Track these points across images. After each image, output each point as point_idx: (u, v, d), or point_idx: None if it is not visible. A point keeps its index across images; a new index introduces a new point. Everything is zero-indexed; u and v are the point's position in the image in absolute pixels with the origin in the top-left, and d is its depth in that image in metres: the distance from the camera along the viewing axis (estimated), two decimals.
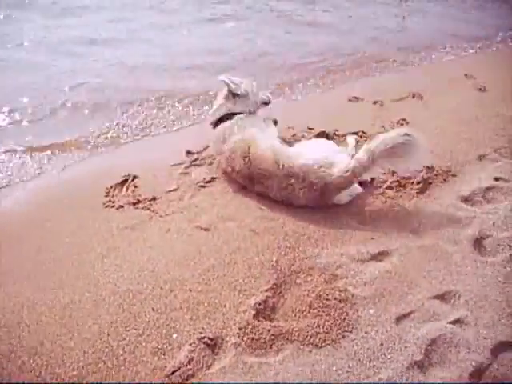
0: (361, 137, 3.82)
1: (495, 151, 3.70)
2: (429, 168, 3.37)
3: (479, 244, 2.68)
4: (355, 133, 3.88)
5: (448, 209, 2.97)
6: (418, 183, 3.21)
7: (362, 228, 2.84)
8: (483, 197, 3.09)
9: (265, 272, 2.47)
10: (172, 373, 1.97)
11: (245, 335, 2.11)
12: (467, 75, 5.59)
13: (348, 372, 1.96)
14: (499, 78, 5.47)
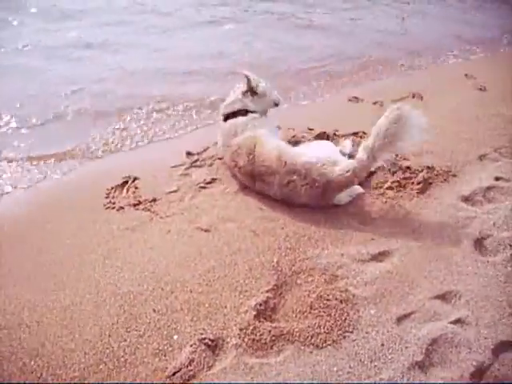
0: (361, 137, 3.82)
1: (495, 151, 3.71)
2: (429, 168, 3.38)
3: (480, 244, 2.68)
4: (355, 133, 3.89)
5: (448, 209, 2.97)
6: (419, 183, 3.21)
7: (363, 228, 2.84)
8: (484, 196, 3.10)
9: (265, 273, 2.47)
10: (173, 374, 1.97)
11: (245, 336, 2.11)
12: (467, 75, 5.59)
13: (349, 372, 1.96)
14: (499, 78, 5.48)
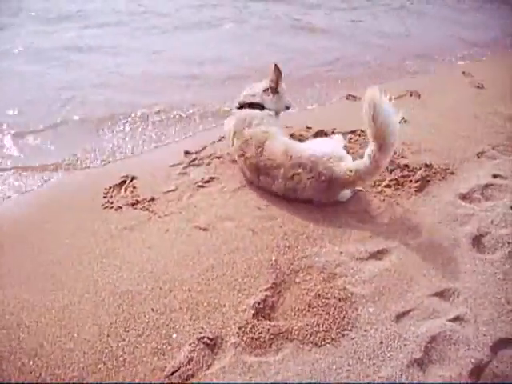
0: (359, 135, 3.82)
1: (493, 148, 3.72)
2: (427, 166, 3.39)
3: (478, 241, 2.69)
4: (353, 131, 3.89)
5: (446, 206, 2.98)
6: (417, 181, 3.21)
7: (361, 226, 2.84)
8: (482, 194, 3.10)
9: (264, 271, 2.47)
10: (172, 373, 1.97)
11: (244, 335, 2.11)
12: (465, 73, 5.60)
13: (348, 370, 1.96)
14: (497, 76, 5.49)
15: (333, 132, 3.90)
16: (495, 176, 3.27)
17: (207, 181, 3.33)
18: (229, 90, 4.76)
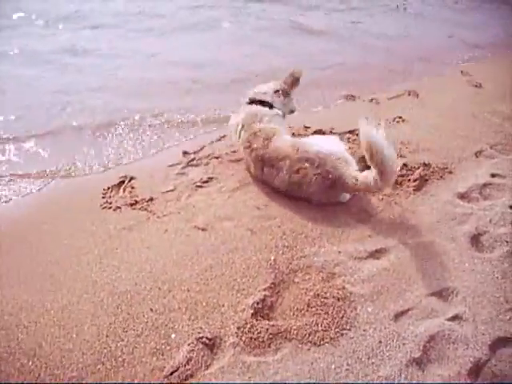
0: (357, 135, 3.82)
1: (491, 148, 3.72)
2: (425, 165, 3.39)
3: (476, 240, 2.69)
4: (351, 131, 3.89)
5: (445, 206, 2.98)
6: (415, 180, 3.21)
7: (360, 226, 2.84)
8: (480, 193, 3.11)
9: (262, 271, 2.47)
10: (171, 373, 1.97)
11: (243, 334, 2.11)
12: (463, 72, 5.61)
13: (347, 370, 1.97)
14: (495, 75, 5.50)
15: (331, 131, 3.90)
16: (493, 175, 3.28)
17: (206, 181, 3.33)
18: (229, 95, 4.70)
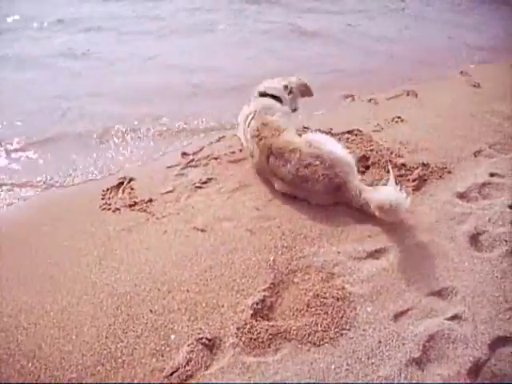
0: (356, 135, 3.83)
1: (490, 147, 3.72)
2: (424, 165, 3.39)
3: (475, 240, 2.69)
4: (350, 131, 3.89)
5: (444, 205, 2.98)
6: (414, 180, 3.21)
7: (359, 226, 2.84)
8: (479, 193, 3.11)
9: (262, 272, 2.47)
10: (171, 374, 1.97)
11: (243, 335, 2.11)
12: (462, 72, 5.61)
13: (346, 370, 1.97)
14: (493, 75, 5.50)
15: (329, 132, 3.90)
16: (492, 175, 3.27)
17: (205, 182, 3.34)
18: (228, 101, 4.66)
